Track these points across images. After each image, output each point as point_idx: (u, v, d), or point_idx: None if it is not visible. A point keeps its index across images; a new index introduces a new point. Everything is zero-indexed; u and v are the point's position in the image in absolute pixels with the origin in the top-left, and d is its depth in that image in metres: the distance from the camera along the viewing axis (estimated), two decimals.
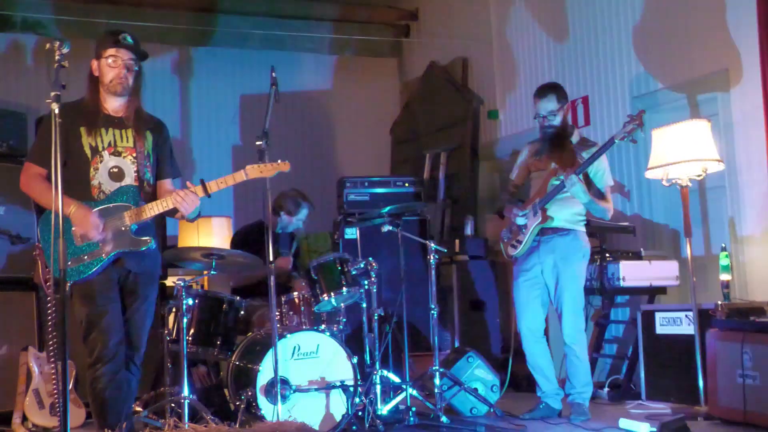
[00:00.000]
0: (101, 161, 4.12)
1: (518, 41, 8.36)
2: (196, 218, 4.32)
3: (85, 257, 3.97)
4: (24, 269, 5.96)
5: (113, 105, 4.20)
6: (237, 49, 9.38)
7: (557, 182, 5.37)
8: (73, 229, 3.96)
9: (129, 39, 4.15)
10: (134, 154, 4.18)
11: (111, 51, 4.11)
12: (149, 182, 4.26)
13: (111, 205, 4.07)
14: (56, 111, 3.24)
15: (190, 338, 5.24)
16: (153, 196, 4.26)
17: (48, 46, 3.40)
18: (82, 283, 3.99)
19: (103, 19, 8.54)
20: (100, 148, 4.12)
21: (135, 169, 4.18)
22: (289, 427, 2.97)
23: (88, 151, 4.10)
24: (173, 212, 4.21)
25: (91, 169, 4.11)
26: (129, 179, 4.16)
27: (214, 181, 4.18)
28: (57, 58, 3.38)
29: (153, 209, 4.12)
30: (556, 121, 5.55)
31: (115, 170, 4.14)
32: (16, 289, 6.01)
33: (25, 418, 5.58)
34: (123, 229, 4.05)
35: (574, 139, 5.62)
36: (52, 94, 3.25)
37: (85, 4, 8.48)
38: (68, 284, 3.79)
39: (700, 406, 5.22)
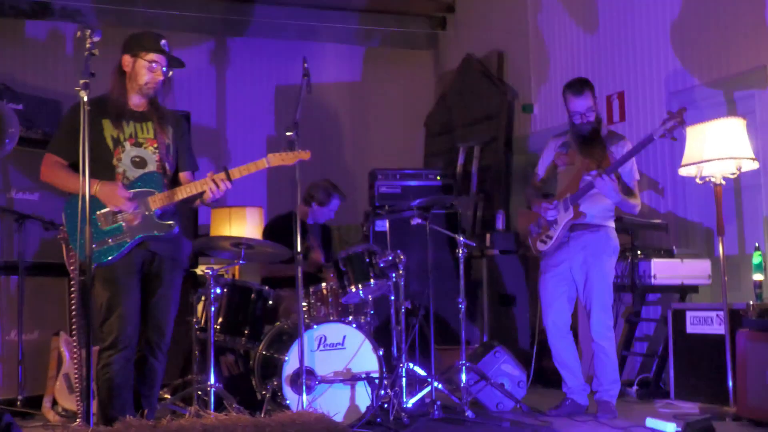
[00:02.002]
0: (123, 151, 4.17)
1: (554, 35, 8.29)
2: (213, 204, 4.48)
3: (109, 240, 4.02)
4: (56, 255, 5.99)
5: (136, 100, 4.26)
6: (272, 40, 9.41)
7: (589, 178, 5.32)
8: (98, 213, 4.02)
9: (167, 46, 4.25)
10: (155, 145, 4.24)
11: (153, 56, 4.18)
12: (170, 171, 4.32)
13: (135, 190, 4.12)
14: (85, 99, 3.27)
15: (218, 327, 5.29)
16: (172, 186, 4.30)
17: (79, 34, 3.45)
18: (105, 266, 4.03)
19: (141, 7, 8.61)
20: (122, 140, 4.18)
21: (157, 158, 4.24)
22: (308, 418, 2.97)
23: (110, 143, 4.16)
24: (194, 198, 4.27)
25: (114, 159, 4.16)
26: (152, 167, 4.22)
27: (236, 168, 4.25)
28: (88, 46, 3.42)
29: (178, 194, 4.17)
30: (593, 117, 5.45)
31: (137, 159, 4.19)
32: (49, 275, 6.08)
33: (55, 403, 5.65)
34: (147, 213, 4.10)
35: (603, 132, 5.53)
36: (81, 81, 3.30)
37: None
38: (93, 266, 3.85)
39: (729, 406, 5.16)
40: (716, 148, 5.29)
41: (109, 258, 4.03)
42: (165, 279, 4.27)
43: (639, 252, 6.20)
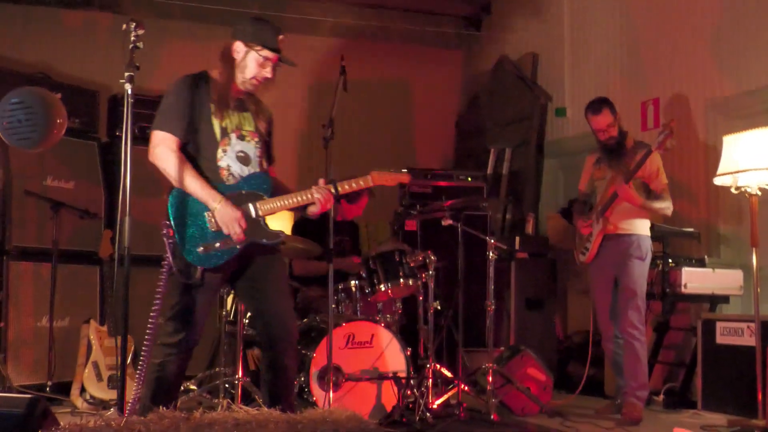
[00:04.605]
0: (229, 144, 3.91)
1: (590, 39, 8.25)
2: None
3: (217, 245, 3.81)
4: (89, 243, 6.09)
5: (236, 89, 3.98)
6: (308, 36, 9.43)
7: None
8: (207, 213, 3.80)
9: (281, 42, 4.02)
10: (256, 139, 4.01)
11: (267, 52, 3.93)
12: (267, 168, 4.12)
13: (243, 191, 3.90)
14: (129, 92, 3.28)
15: (247, 320, 5.31)
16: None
17: (124, 26, 3.42)
18: (212, 270, 3.82)
19: (178, 0, 8.65)
20: (229, 130, 3.93)
21: (258, 154, 4.01)
22: (340, 416, 2.97)
23: (217, 131, 3.89)
24: (299, 207, 4.06)
25: (219, 151, 3.89)
26: (254, 165, 3.98)
27: (344, 182, 4.09)
28: (132, 39, 3.40)
29: (287, 202, 3.96)
30: (615, 132, 5.72)
31: (242, 155, 3.94)
32: (81, 263, 6.13)
33: (83, 390, 5.70)
34: (254, 217, 3.89)
35: (628, 143, 5.77)
36: (126, 74, 3.28)
37: None
38: (199, 270, 3.75)
39: (757, 419, 5.11)
40: (752, 158, 5.22)
41: (217, 263, 3.83)
42: (269, 277, 4.01)
43: (670, 260, 6.18)
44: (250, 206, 3.88)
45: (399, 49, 10.13)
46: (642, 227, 5.69)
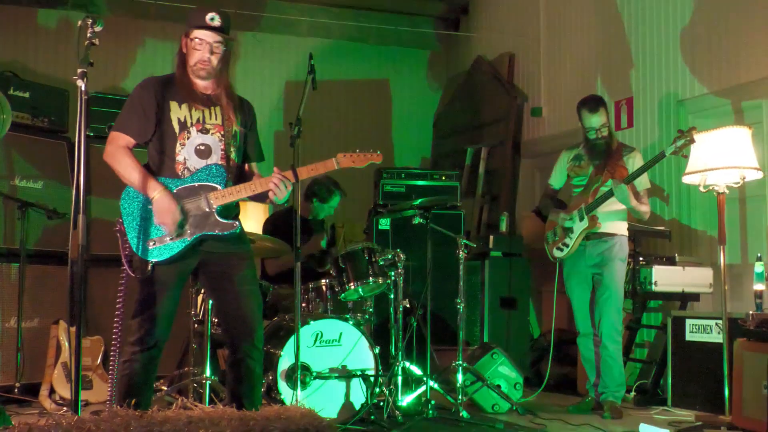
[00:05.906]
0: (188, 137, 3.90)
1: (565, 40, 8.27)
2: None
3: (167, 239, 3.82)
4: (59, 243, 6.05)
5: (202, 83, 3.99)
6: (284, 35, 9.44)
7: (605, 189, 5.48)
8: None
9: (217, 20, 3.90)
10: (222, 132, 3.97)
11: (197, 32, 3.90)
12: (235, 162, 4.03)
13: (196, 183, 3.88)
14: (82, 88, 3.24)
15: (215, 320, 5.29)
16: (238, 178, 4.05)
17: (80, 22, 3.37)
18: (163, 263, 3.82)
19: (153, 0, 8.62)
20: (189, 124, 3.91)
21: (222, 147, 3.96)
22: (294, 413, 2.96)
23: (176, 126, 3.90)
24: (261, 197, 4.01)
25: (177, 145, 3.90)
26: (216, 157, 3.94)
27: (305, 167, 4.02)
28: (88, 35, 3.37)
29: (241, 192, 3.91)
30: (607, 132, 5.65)
31: (202, 147, 3.92)
32: (51, 263, 6.08)
33: (52, 391, 5.67)
34: (207, 210, 3.87)
35: (614, 144, 5.72)
36: (79, 71, 3.23)
37: None
38: (150, 263, 3.77)
39: (724, 415, 5.13)
40: (720, 156, 5.24)
41: (167, 256, 3.82)
42: (234, 276, 3.98)
43: (641, 259, 6.19)
44: (202, 198, 3.88)
45: (376, 50, 10.15)
46: (623, 228, 5.71)
